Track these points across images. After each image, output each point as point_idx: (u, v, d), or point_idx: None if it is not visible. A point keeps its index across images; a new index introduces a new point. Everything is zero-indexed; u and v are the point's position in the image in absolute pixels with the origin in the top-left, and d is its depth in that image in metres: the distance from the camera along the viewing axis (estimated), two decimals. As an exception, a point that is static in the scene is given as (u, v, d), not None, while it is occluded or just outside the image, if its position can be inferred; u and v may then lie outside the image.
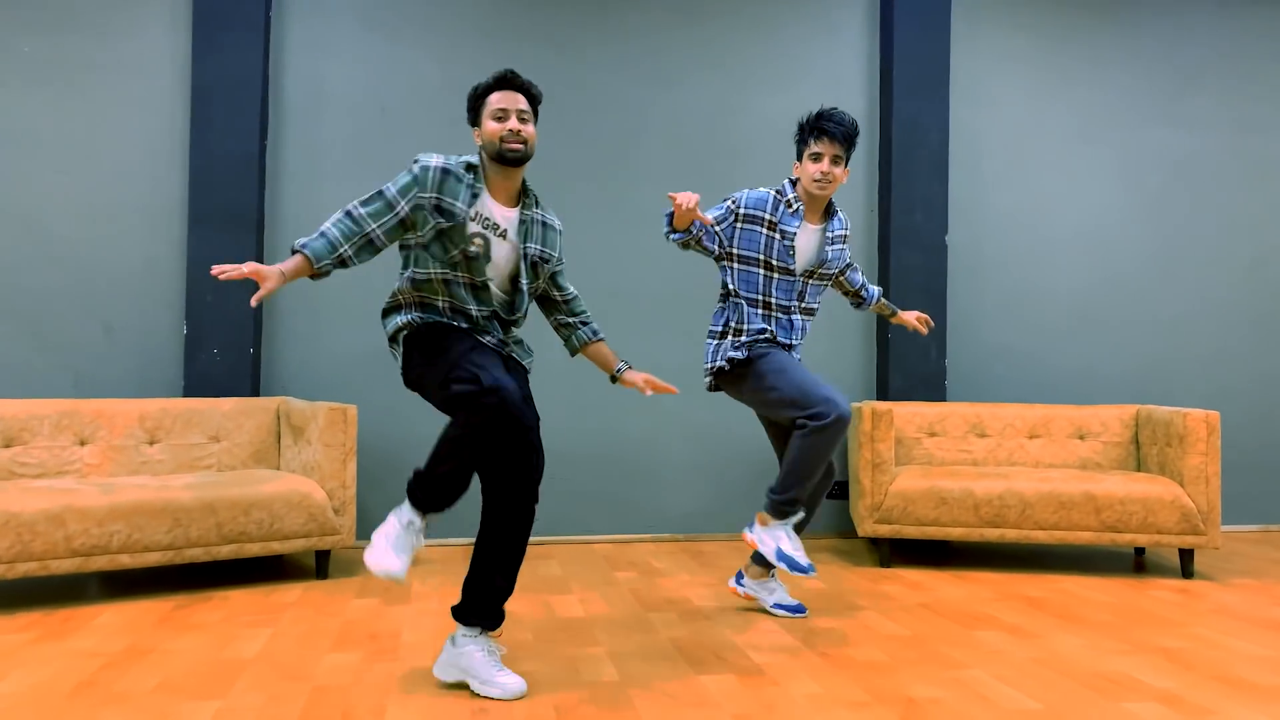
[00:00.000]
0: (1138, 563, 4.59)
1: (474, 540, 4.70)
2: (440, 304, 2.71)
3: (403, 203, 2.62)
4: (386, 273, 4.82)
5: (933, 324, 3.37)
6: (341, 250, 2.59)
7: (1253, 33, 5.60)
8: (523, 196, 2.77)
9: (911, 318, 3.77)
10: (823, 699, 2.61)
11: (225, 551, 3.79)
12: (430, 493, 2.55)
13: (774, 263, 3.32)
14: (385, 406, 4.79)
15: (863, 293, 3.74)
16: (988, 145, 5.36)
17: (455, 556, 4.52)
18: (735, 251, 3.35)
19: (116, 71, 4.59)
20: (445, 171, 2.63)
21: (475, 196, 2.66)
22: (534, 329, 4.87)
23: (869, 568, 4.40)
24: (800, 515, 3.29)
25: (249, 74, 4.60)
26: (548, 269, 2.84)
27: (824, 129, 3.24)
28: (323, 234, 2.59)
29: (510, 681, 2.58)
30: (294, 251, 2.57)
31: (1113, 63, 5.47)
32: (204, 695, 2.58)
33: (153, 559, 3.64)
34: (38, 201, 4.50)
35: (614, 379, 3.02)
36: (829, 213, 3.41)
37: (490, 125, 2.65)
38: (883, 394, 5.18)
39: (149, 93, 4.61)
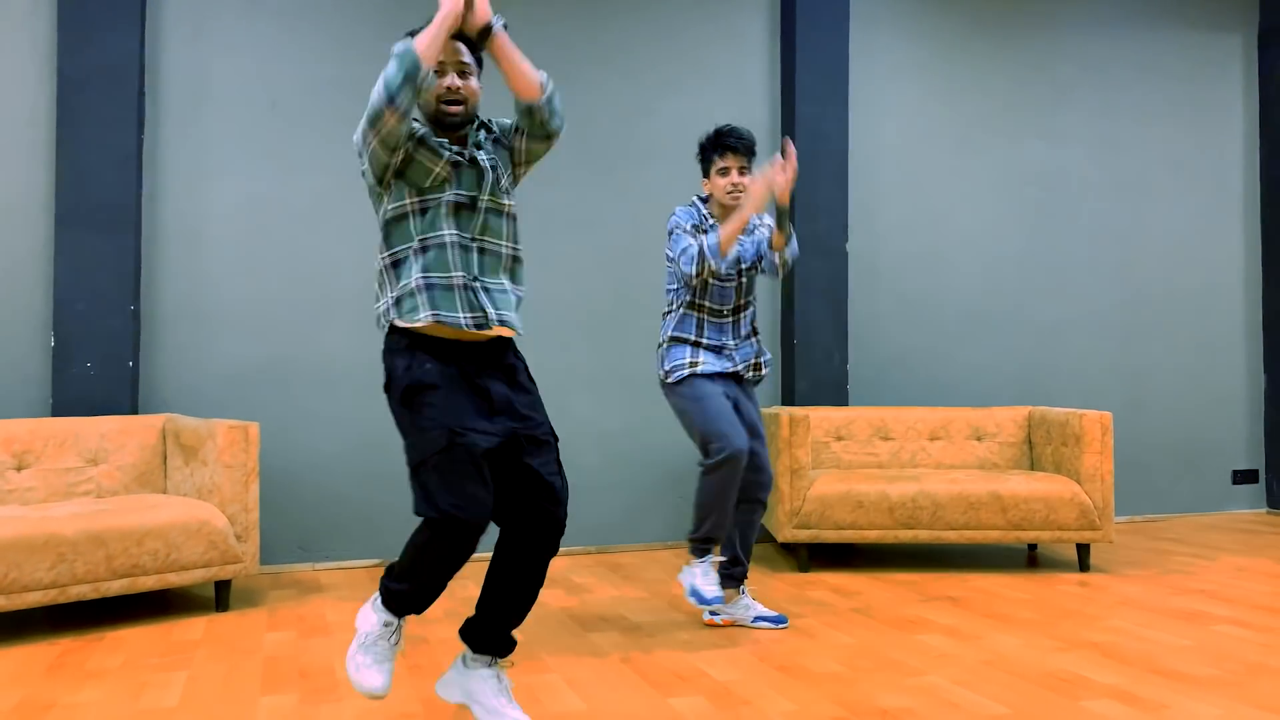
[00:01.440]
0: (1031, 558, 4.79)
1: (376, 561, 4.50)
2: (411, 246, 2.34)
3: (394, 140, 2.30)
4: (275, 278, 4.50)
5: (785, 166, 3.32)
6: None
7: (1120, 51, 5.96)
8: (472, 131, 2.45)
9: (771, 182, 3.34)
10: (799, 715, 2.57)
11: (116, 587, 3.43)
12: (410, 600, 2.30)
13: (715, 271, 3.37)
14: (277, 421, 4.48)
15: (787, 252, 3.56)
16: (884, 152, 5.50)
17: (359, 579, 4.27)
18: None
19: (-34, 54, 4.11)
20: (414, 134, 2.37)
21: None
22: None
23: (790, 573, 4.42)
24: (717, 552, 3.53)
25: (124, 62, 4.21)
26: (508, 159, 2.51)
27: (727, 144, 3.40)
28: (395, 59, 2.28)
29: (519, 717, 2.38)
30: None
31: (994, 74, 5.71)
32: (132, 756, 2.31)
33: (33, 599, 3.26)
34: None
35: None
36: None
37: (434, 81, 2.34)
38: (789, 399, 5.23)
39: (8, 84, 4.15)
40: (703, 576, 3.36)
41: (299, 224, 4.55)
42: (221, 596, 3.75)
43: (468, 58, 2.39)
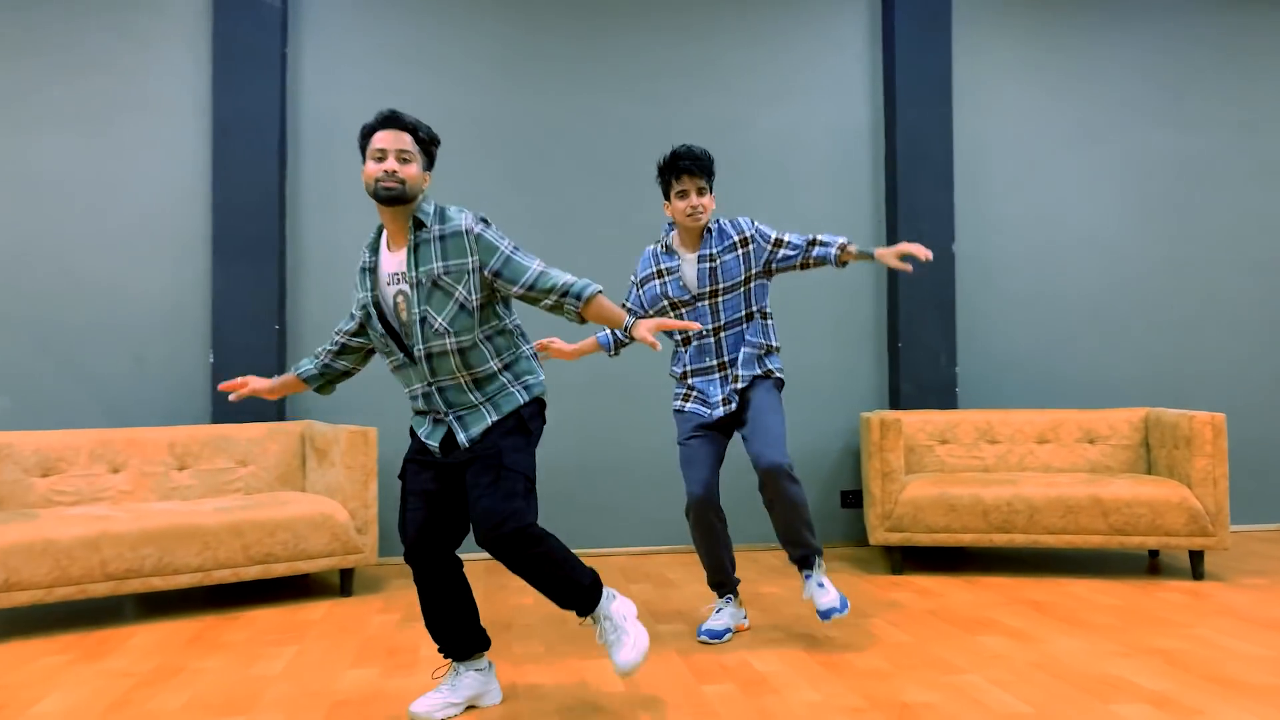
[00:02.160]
0: (1151, 565, 4.62)
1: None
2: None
3: (356, 309, 2.75)
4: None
5: (928, 253, 3.25)
6: (335, 365, 2.86)
7: (1256, 31, 5.61)
8: (413, 227, 2.58)
9: (893, 254, 3.35)
10: (820, 706, 2.70)
11: (252, 572, 3.94)
12: (441, 641, 2.74)
13: (675, 300, 3.40)
14: (403, 427, 4.94)
15: (817, 253, 3.42)
16: (993, 153, 5.42)
17: (474, 572, 4.65)
18: (649, 310, 3.46)
19: (142, 112, 4.78)
20: (361, 270, 2.67)
21: (371, 271, 2.64)
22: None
23: (881, 575, 4.47)
24: (730, 598, 3.56)
25: (267, 110, 4.77)
26: (469, 284, 2.57)
27: (682, 166, 3.30)
28: (313, 355, 2.87)
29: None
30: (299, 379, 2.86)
31: (1115, 66, 5.51)
32: (229, 712, 2.72)
33: (183, 581, 3.80)
34: (70, 241, 4.70)
35: (628, 334, 2.62)
36: (707, 236, 3.41)
37: (369, 166, 2.54)
38: (894, 403, 5.25)
39: (173, 132, 4.80)
40: (716, 615, 3.49)
41: (420, 247, 5.00)
42: (345, 583, 4.22)
43: (409, 145, 2.55)
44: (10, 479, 4.00)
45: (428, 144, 2.61)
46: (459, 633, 2.70)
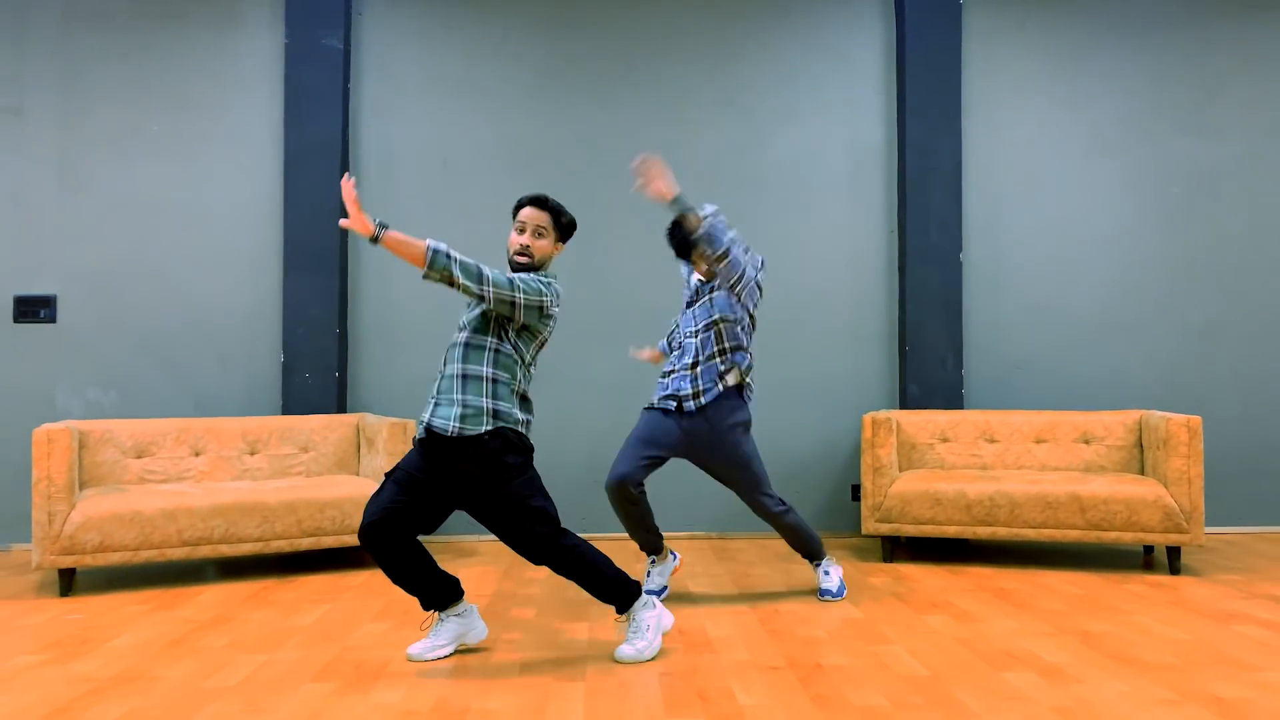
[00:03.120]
0: (1146, 561, 4.83)
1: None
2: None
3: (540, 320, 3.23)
4: (446, 304, 5.56)
5: (650, 359, 4.31)
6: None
7: (1274, 38, 5.69)
8: None
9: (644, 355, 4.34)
10: (747, 665, 3.12)
11: (305, 543, 4.57)
12: (420, 597, 3.25)
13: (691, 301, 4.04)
14: (450, 420, 5.53)
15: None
16: (1003, 164, 5.67)
17: (502, 551, 5.19)
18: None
19: (225, 143, 5.50)
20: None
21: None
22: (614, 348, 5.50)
23: (872, 563, 4.82)
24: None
25: (331, 140, 5.43)
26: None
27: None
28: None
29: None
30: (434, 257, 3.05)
31: (1131, 77, 5.68)
32: (259, 650, 3.32)
33: (246, 549, 4.46)
34: (166, 255, 5.46)
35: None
36: None
37: (511, 235, 3.22)
38: (902, 403, 5.56)
39: (250, 160, 5.50)
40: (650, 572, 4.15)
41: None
42: (387, 556, 4.82)
43: (546, 221, 3.24)
44: (111, 459, 4.74)
45: (565, 226, 3.27)
46: (430, 588, 3.22)
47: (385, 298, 5.55)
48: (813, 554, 4.09)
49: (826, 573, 4.09)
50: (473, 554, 5.12)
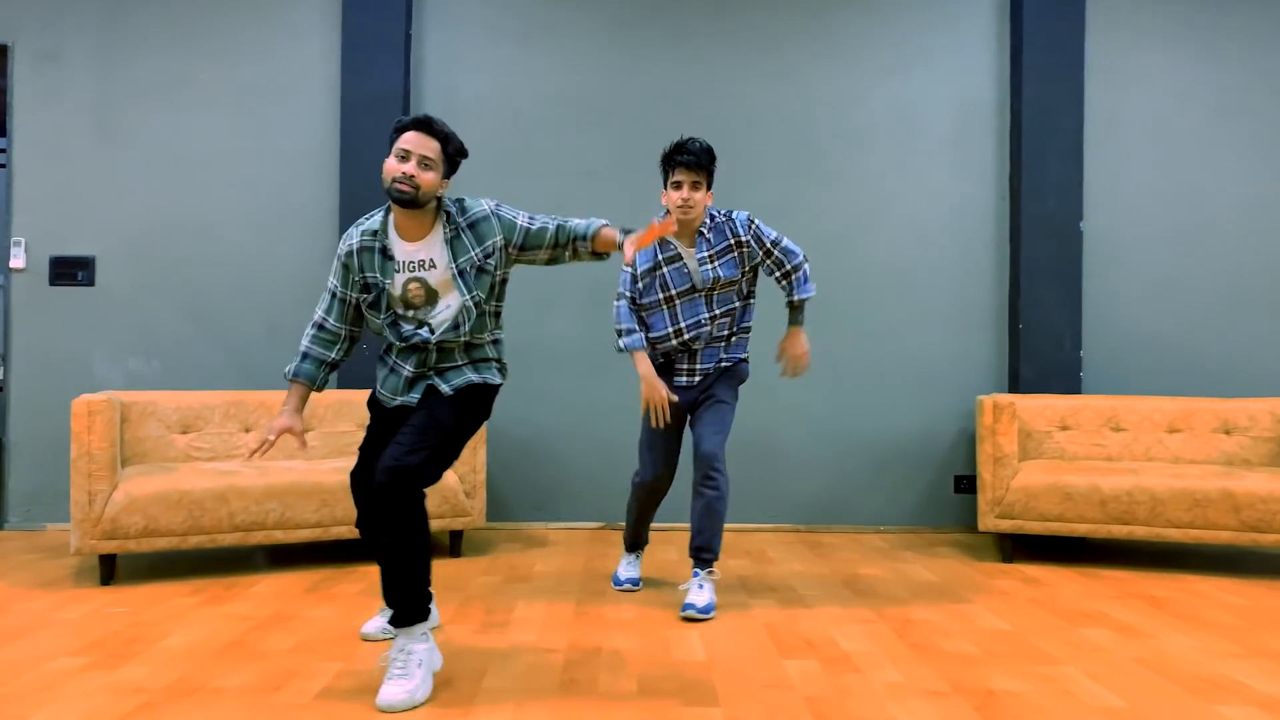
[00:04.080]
0: (1296, 566, 4.34)
1: (599, 524, 4.90)
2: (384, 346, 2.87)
3: (345, 290, 2.77)
4: (519, 270, 5.10)
5: (798, 372, 3.60)
6: (331, 358, 2.84)
7: None
8: (441, 217, 2.72)
9: (788, 353, 3.60)
10: (900, 687, 2.66)
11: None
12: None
13: (675, 292, 3.51)
14: (513, 397, 5.08)
15: (793, 284, 3.56)
16: (1127, 127, 5.13)
17: (580, 539, 4.75)
18: (642, 302, 3.57)
19: (278, 93, 5.05)
20: (359, 251, 2.71)
21: (388, 257, 2.69)
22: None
23: (990, 562, 4.35)
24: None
25: (391, 90, 4.97)
26: (497, 260, 2.73)
27: (678, 160, 3.39)
28: (305, 355, 2.81)
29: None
30: (291, 381, 2.82)
31: (1268, 31, 5.11)
32: (330, 658, 2.89)
33: (303, 535, 4.04)
34: (213, 213, 5.03)
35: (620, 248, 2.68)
36: (701, 234, 3.49)
37: (390, 163, 2.63)
38: (1013, 387, 5.06)
39: (305, 111, 5.06)
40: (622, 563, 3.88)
41: (535, 222, 5.11)
42: (455, 544, 4.39)
43: (432, 152, 2.65)
44: (155, 434, 4.32)
45: (454, 156, 2.72)
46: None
47: (449, 263, 5.10)
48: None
49: (701, 586, 3.43)
50: (544, 543, 4.68)
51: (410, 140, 2.64)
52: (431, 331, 2.72)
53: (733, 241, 3.49)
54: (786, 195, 5.14)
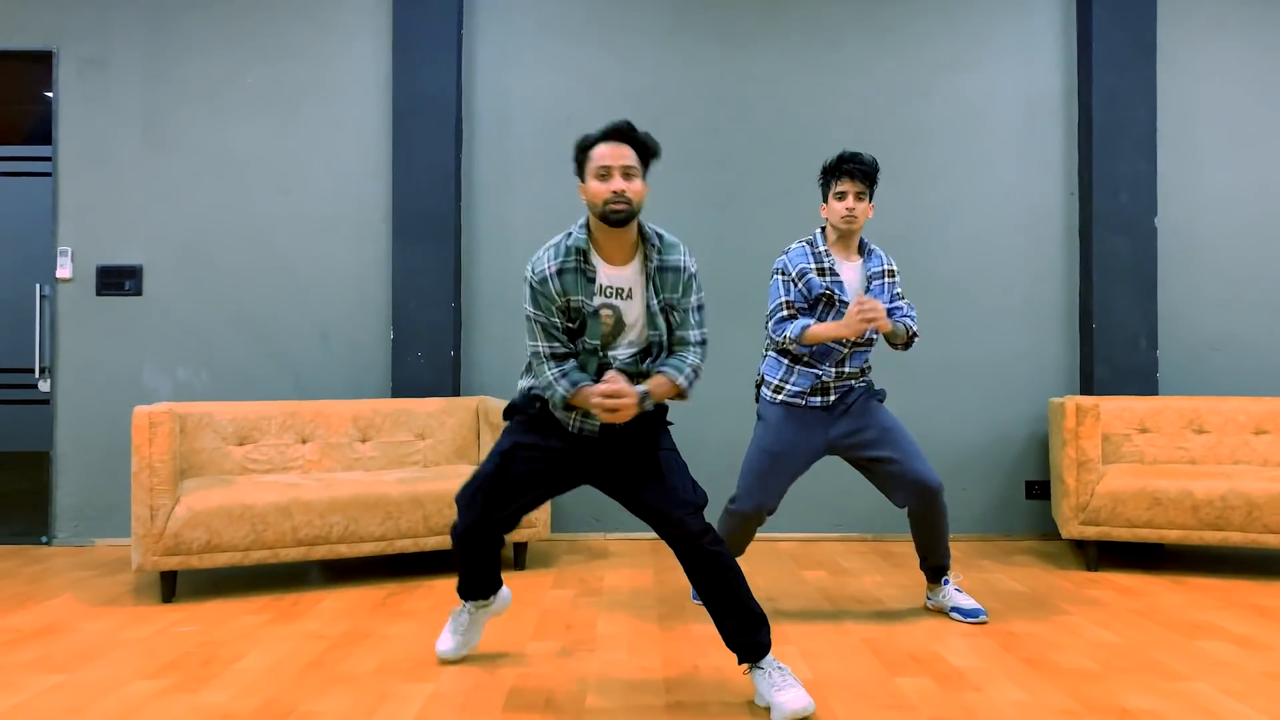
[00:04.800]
0: (1391, 571, 4.16)
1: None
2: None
3: (549, 317, 2.55)
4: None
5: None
6: (577, 378, 2.57)
7: None
8: (642, 244, 2.59)
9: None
10: (1029, 706, 2.51)
11: (431, 543, 4.01)
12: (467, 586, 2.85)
13: (841, 299, 3.33)
14: (575, 405, 4.94)
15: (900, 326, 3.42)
16: (1202, 119, 4.97)
17: (642, 549, 4.61)
18: (809, 301, 3.36)
19: (327, 95, 4.95)
20: (559, 273, 2.53)
21: (590, 279, 2.54)
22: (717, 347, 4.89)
23: (1074, 570, 4.19)
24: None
25: (444, 91, 4.85)
26: (675, 313, 2.62)
27: (845, 170, 3.32)
28: (550, 385, 2.57)
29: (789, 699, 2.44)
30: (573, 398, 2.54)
31: (1349, 19, 4.96)
32: (418, 679, 2.76)
33: (367, 549, 3.91)
34: (263, 219, 4.92)
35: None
36: (863, 250, 3.43)
37: (594, 185, 2.48)
38: (1086, 388, 4.90)
39: (355, 113, 4.95)
40: None
41: (591, 225, 4.98)
42: (519, 556, 4.26)
43: (632, 160, 2.51)
44: (210, 446, 4.21)
45: (650, 156, 2.55)
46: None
47: (504, 267, 4.98)
48: None
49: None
50: (605, 554, 4.54)
51: (608, 155, 2.48)
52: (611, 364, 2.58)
53: (885, 269, 3.43)
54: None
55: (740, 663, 2.53)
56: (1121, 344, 4.84)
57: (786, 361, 3.37)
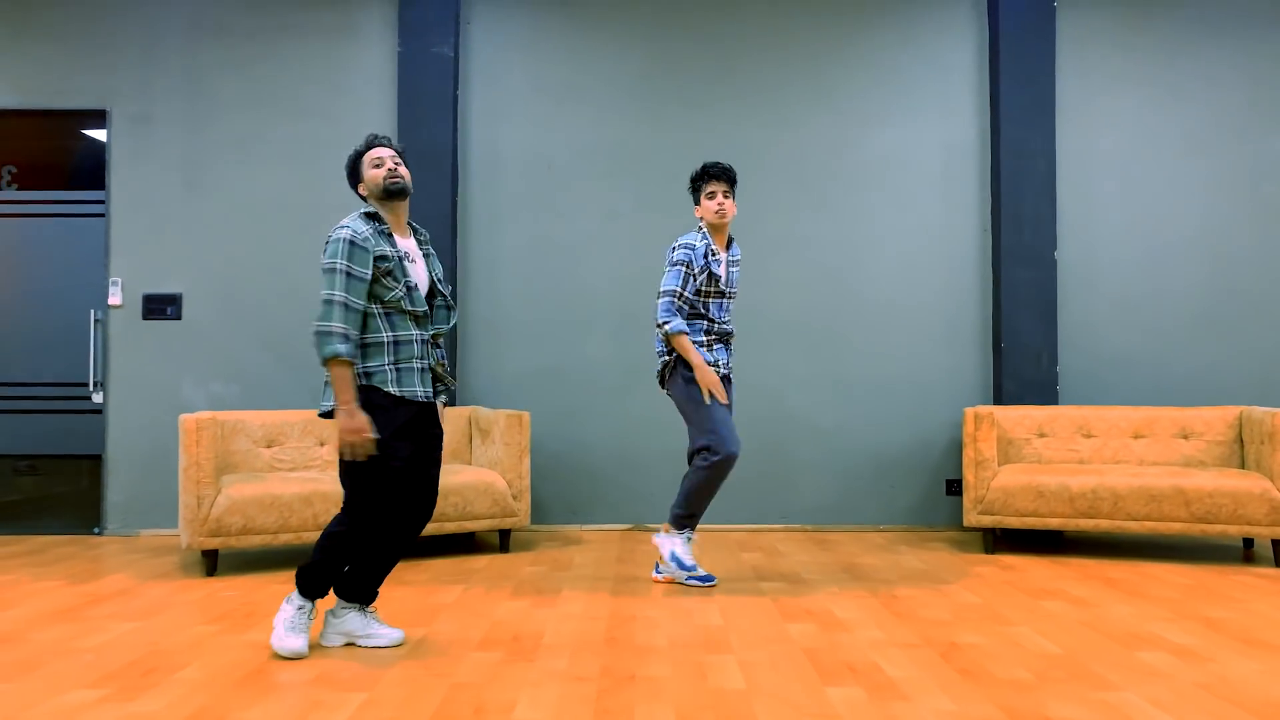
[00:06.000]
0: (1246, 555, 4.90)
1: (628, 526, 5.51)
2: (384, 339, 3.09)
3: (363, 270, 3.03)
4: (549, 301, 5.76)
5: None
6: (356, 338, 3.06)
7: (1373, 40, 5.71)
8: (411, 229, 3.28)
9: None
10: (883, 643, 3.27)
11: (430, 528, 4.79)
12: (323, 584, 3.18)
13: (720, 290, 4.22)
14: (554, 411, 5.73)
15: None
16: (1098, 164, 5.75)
17: (612, 538, 5.38)
18: (697, 293, 4.21)
19: (341, 148, 5.77)
20: (365, 234, 3.06)
21: (390, 237, 3.13)
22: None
23: (975, 554, 4.94)
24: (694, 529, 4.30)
25: (442, 144, 5.66)
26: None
27: (713, 173, 4.16)
28: (345, 336, 2.99)
29: (389, 632, 3.26)
30: (331, 364, 2.98)
31: (1225, 74, 5.73)
32: (415, 625, 3.53)
33: (376, 533, 4.68)
34: (285, 255, 5.72)
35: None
36: (730, 242, 4.28)
37: (372, 172, 3.16)
38: (997, 398, 5.67)
39: (366, 163, 5.75)
40: (684, 547, 4.23)
41: (569, 258, 5.78)
42: (504, 541, 5.03)
43: (396, 154, 3.25)
44: (244, 448, 4.99)
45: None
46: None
47: (494, 292, 5.77)
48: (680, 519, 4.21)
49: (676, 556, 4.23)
50: (580, 541, 5.31)
51: (380, 154, 3.22)
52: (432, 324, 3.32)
53: (738, 258, 4.33)
54: (789, 229, 5.78)
55: (353, 600, 3.27)
56: (1027, 360, 5.61)
57: (703, 340, 4.21)
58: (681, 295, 4.13)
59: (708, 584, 4.16)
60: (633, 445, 5.72)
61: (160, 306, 5.72)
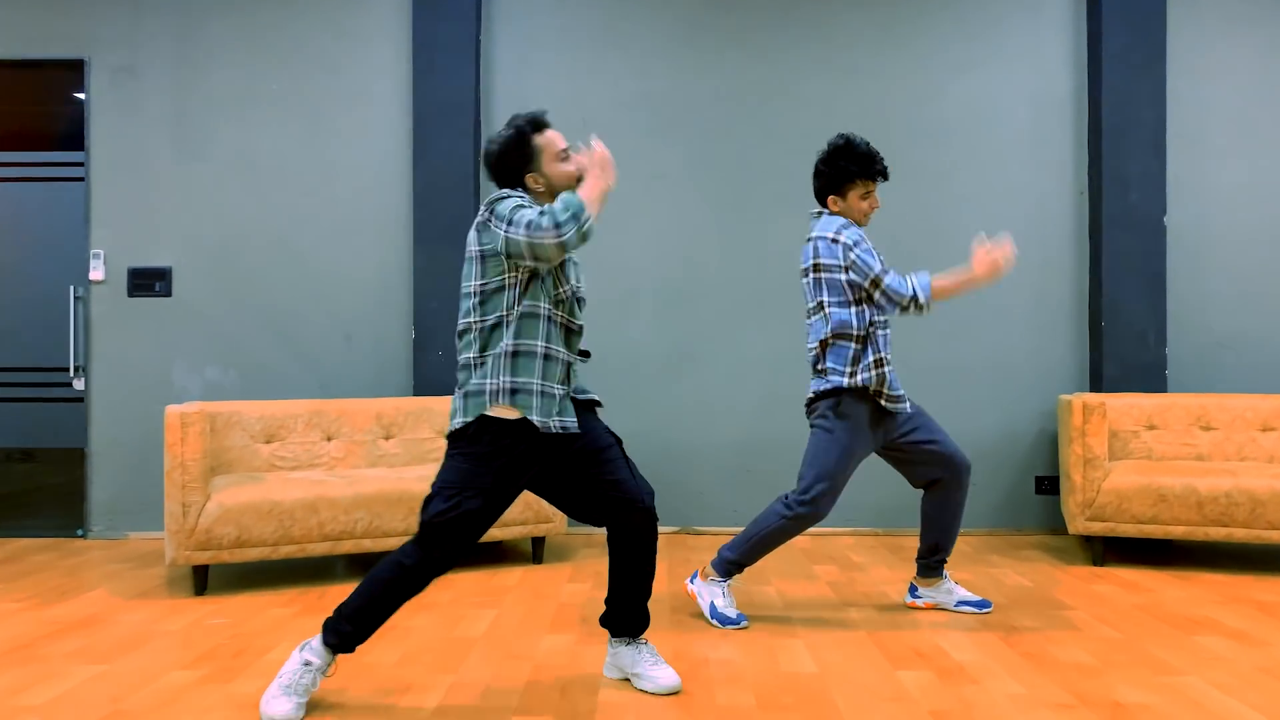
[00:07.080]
0: (1394, 567, 4.22)
1: (675, 529, 4.87)
2: (537, 349, 2.55)
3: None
4: (591, 274, 5.08)
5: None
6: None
7: None
8: None
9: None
10: (1024, 699, 2.61)
11: (452, 538, 4.14)
12: (360, 636, 2.55)
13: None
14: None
15: None
16: (1212, 117, 5.02)
17: (660, 544, 4.73)
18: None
19: (349, 102, 5.08)
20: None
21: None
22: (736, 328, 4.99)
23: (1080, 566, 4.27)
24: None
25: (463, 98, 4.97)
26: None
27: (878, 170, 3.38)
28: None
29: (662, 675, 2.69)
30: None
31: (1361, 17, 4.98)
32: (439, 669, 2.89)
33: (391, 543, 4.05)
34: (288, 223, 5.06)
35: None
36: None
37: (561, 168, 2.63)
38: (1096, 385, 4.97)
39: (377, 119, 5.07)
40: (724, 597, 3.41)
41: (608, 226, 5.09)
42: (537, 550, 4.38)
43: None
44: (239, 444, 4.36)
45: None
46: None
47: (521, 269, 5.09)
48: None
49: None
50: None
51: (559, 138, 2.67)
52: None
53: None
54: (860, 194, 5.07)
55: (620, 634, 2.76)
56: (1130, 341, 4.90)
57: (855, 348, 3.31)
58: (882, 266, 3.29)
59: (739, 625, 3.37)
60: (680, 438, 5.05)
61: (148, 282, 5.07)
